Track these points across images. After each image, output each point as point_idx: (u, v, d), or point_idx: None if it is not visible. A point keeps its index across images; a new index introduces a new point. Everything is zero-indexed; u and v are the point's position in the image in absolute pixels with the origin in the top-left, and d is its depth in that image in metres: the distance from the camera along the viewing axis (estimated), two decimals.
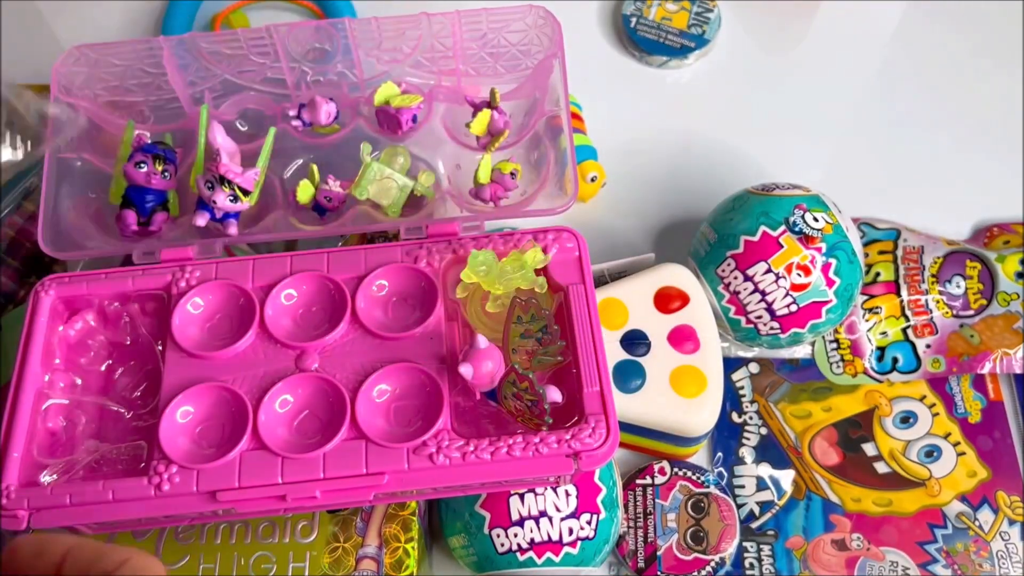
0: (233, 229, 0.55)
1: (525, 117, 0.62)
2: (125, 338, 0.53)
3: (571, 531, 0.52)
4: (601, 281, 0.61)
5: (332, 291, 0.52)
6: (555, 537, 0.52)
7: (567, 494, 0.52)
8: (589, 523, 0.52)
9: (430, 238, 0.54)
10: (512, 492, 0.52)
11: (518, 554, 0.52)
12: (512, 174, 0.57)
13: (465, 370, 0.46)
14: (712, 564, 0.56)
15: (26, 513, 0.45)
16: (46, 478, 0.47)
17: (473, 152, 0.60)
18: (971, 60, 0.76)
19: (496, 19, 0.60)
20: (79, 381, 0.51)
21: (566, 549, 0.52)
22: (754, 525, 0.58)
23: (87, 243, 0.55)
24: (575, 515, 0.52)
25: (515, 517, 0.52)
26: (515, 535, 0.52)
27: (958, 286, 0.63)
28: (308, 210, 0.58)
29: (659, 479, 0.58)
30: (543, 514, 0.52)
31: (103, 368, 0.53)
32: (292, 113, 0.60)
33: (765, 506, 0.59)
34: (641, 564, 0.56)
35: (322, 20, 0.66)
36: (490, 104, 0.59)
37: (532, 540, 0.52)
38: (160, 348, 0.52)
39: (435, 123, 0.61)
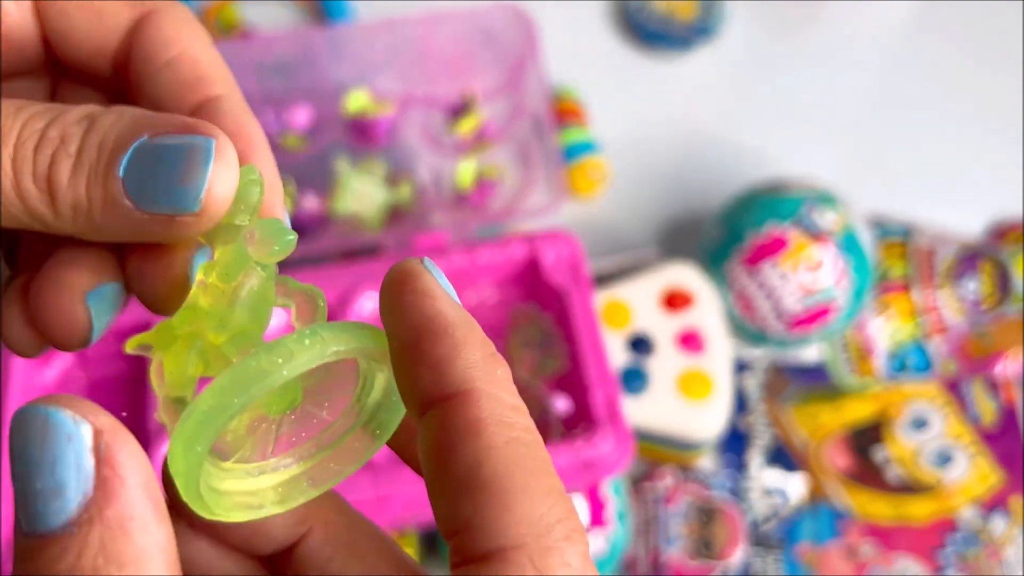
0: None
1: (508, 118, 0.61)
2: (106, 375, 0.52)
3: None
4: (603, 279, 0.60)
5: None
6: None
7: (578, 510, 0.51)
8: (604, 538, 0.51)
9: (418, 251, 0.53)
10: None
11: None
12: (496, 178, 0.57)
13: None
14: (718, 572, 0.55)
15: None
16: None
17: (453, 159, 0.59)
18: (987, 51, 0.75)
19: (469, 20, 0.59)
20: None
21: None
22: (762, 532, 0.57)
23: None
24: (587, 531, 0.51)
25: None
26: None
27: (971, 285, 0.62)
28: None
29: (664, 485, 0.57)
30: None
31: None
32: (269, 118, 0.59)
33: (773, 512, 0.58)
34: (645, 572, 0.55)
35: (290, 31, 0.65)
36: (467, 109, 0.58)
37: None
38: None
39: (412, 131, 0.60)
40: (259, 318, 0.21)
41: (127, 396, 0.52)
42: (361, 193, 0.55)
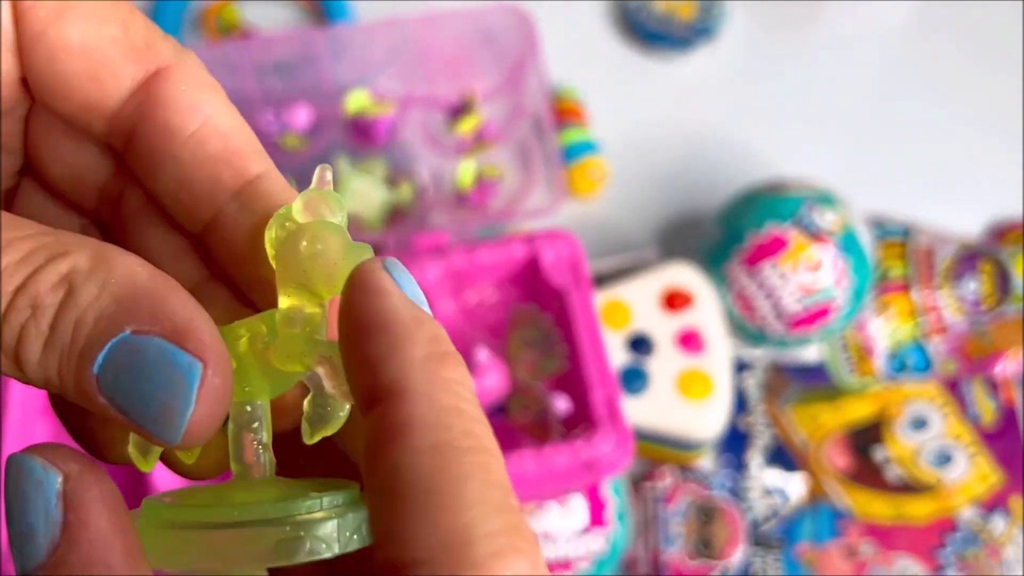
0: None
1: (508, 118, 0.61)
2: None
3: (585, 548, 0.50)
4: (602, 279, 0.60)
5: None
6: (569, 555, 0.50)
7: (578, 510, 0.51)
8: (604, 538, 0.51)
9: (419, 251, 0.53)
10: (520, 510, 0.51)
11: None
12: (496, 178, 0.57)
13: None
14: (718, 571, 0.55)
15: None
16: None
17: (453, 159, 0.59)
18: (987, 51, 0.75)
19: (469, 20, 0.59)
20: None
21: (581, 566, 0.50)
22: (761, 532, 0.57)
23: None
24: (588, 531, 0.51)
25: None
26: None
27: (970, 285, 0.62)
28: None
29: (664, 485, 0.57)
30: (555, 532, 0.51)
31: None
32: (269, 118, 0.59)
33: (773, 512, 0.58)
34: (645, 571, 0.55)
35: (290, 31, 0.65)
36: (467, 109, 0.58)
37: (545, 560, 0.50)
38: None
39: (412, 131, 0.60)
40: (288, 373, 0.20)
41: None
42: (361, 193, 0.55)
